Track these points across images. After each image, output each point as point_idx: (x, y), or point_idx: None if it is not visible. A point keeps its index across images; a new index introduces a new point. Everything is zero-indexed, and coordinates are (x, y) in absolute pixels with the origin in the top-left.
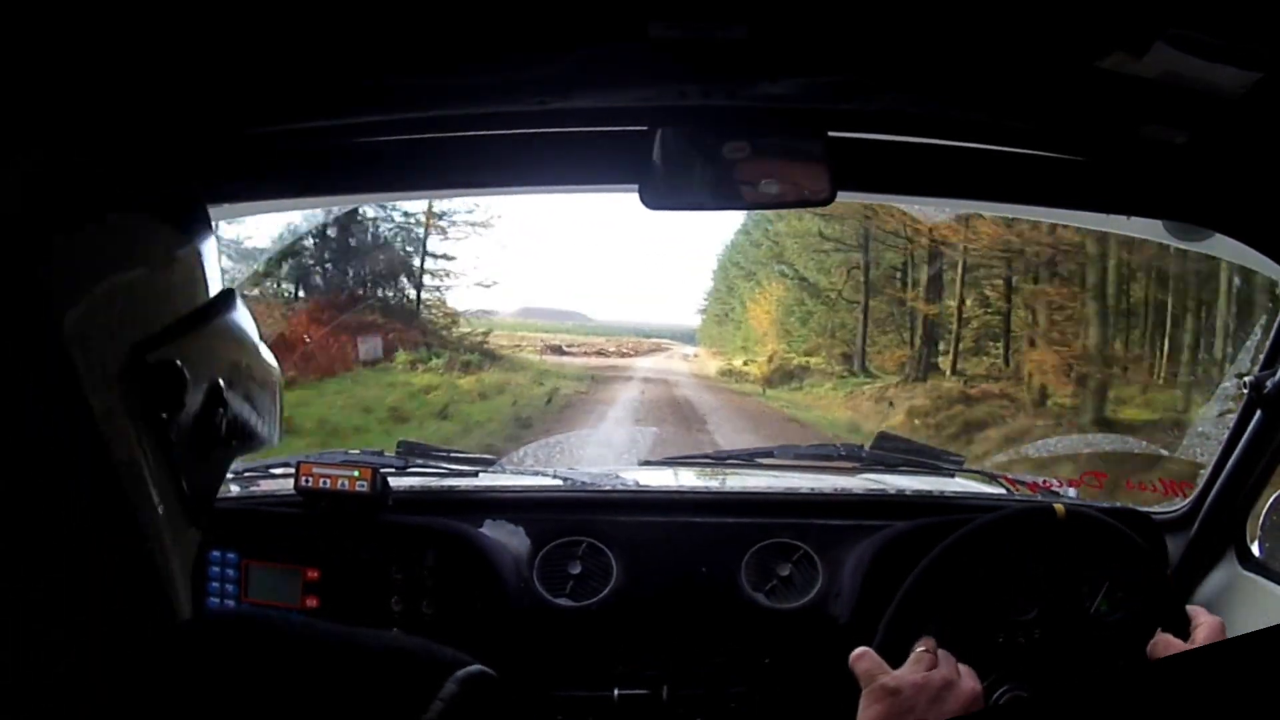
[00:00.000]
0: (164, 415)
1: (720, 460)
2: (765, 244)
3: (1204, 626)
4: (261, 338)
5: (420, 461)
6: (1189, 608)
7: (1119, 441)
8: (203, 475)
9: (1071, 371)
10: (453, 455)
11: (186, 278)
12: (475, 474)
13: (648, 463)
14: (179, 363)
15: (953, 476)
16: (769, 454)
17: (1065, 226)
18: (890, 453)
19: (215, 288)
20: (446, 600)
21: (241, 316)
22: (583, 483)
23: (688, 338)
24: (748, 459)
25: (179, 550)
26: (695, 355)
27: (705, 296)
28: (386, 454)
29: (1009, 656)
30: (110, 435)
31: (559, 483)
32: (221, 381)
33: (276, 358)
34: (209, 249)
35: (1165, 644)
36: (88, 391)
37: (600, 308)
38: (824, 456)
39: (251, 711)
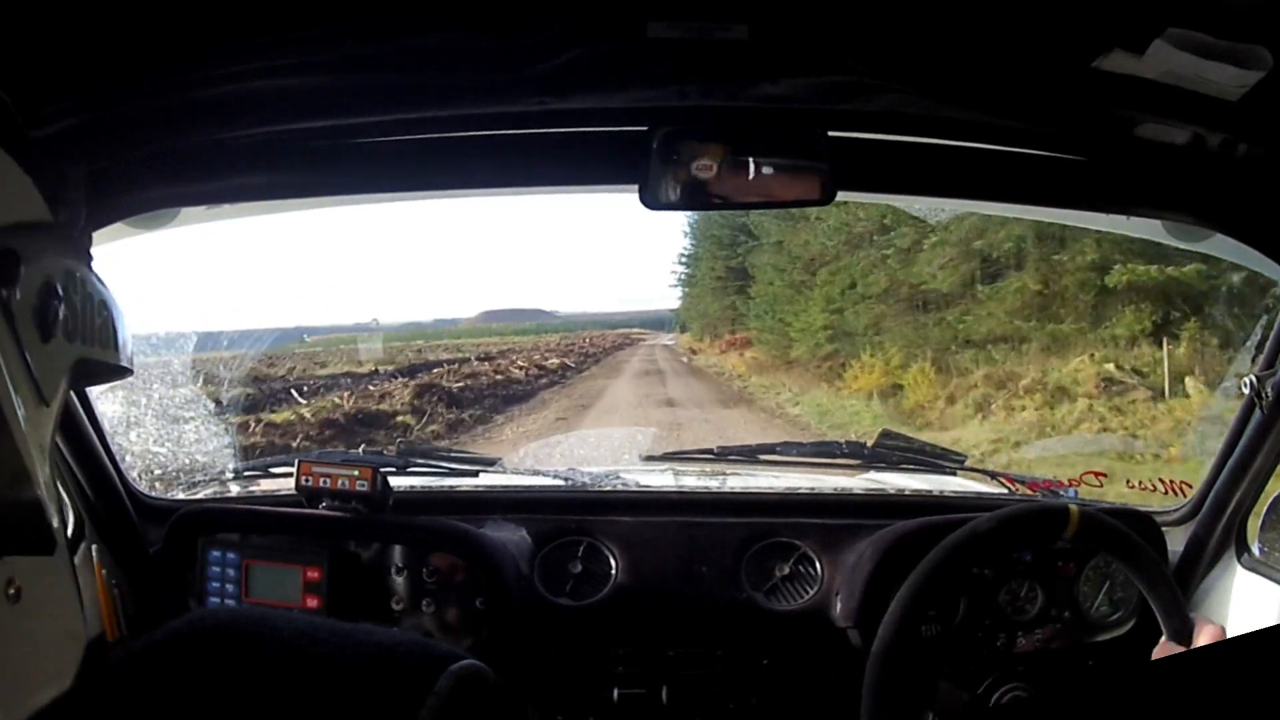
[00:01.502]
0: (3, 290)
1: (722, 456)
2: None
3: (1207, 636)
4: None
5: (420, 461)
6: (1194, 615)
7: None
8: (46, 358)
9: None
10: (453, 455)
11: (20, 199)
12: (475, 474)
13: (650, 458)
14: (14, 249)
15: (954, 475)
16: (772, 449)
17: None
18: (892, 450)
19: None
20: (447, 600)
21: (76, 249)
22: (583, 483)
23: (661, 323)
24: (750, 455)
25: (34, 423)
26: (677, 342)
27: (682, 263)
28: (387, 453)
29: (1009, 656)
30: None
31: (559, 483)
32: (56, 282)
33: None
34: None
35: (1168, 651)
36: None
37: (563, 301)
38: (827, 454)
39: (251, 706)
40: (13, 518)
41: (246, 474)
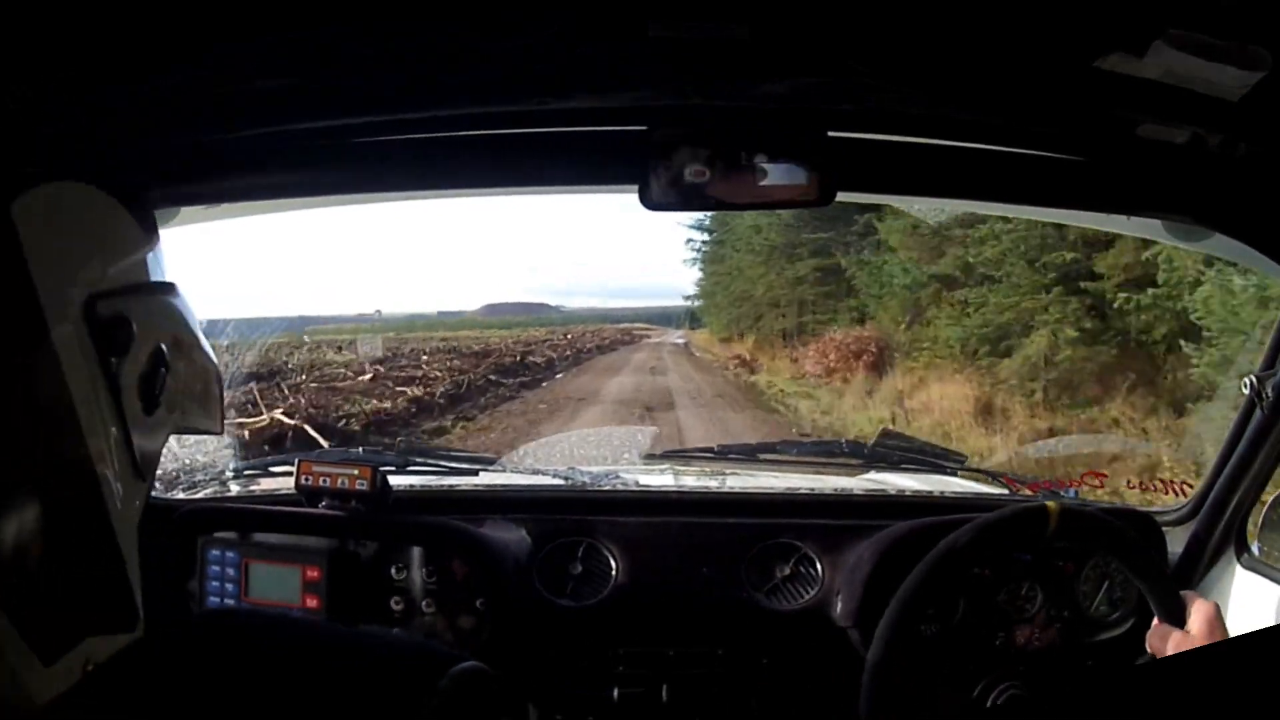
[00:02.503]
0: (113, 360)
1: (723, 454)
2: None
3: (1199, 613)
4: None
5: (420, 460)
6: (1184, 593)
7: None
8: (147, 431)
9: None
10: (453, 454)
11: (136, 258)
12: (475, 473)
13: (651, 456)
14: (126, 315)
15: (955, 475)
16: (772, 448)
17: None
18: (893, 450)
19: (160, 276)
20: (447, 600)
21: (184, 308)
22: (583, 483)
23: (669, 319)
24: (750, 454)
25: (128, 498)
26: (688, 342)
27: (701, 253)
28: (387, 452)
29: (1008, 656)
30: (70, 373)
31: (560, 482)
32: (164, 347)
33: None
34: (154, 244)
35: (1162, 632)
36: (52, 332)
37: (569, 296)
38: (827, 453)
39: (253, 709)
40: (102, 599)
41: (246, 473)
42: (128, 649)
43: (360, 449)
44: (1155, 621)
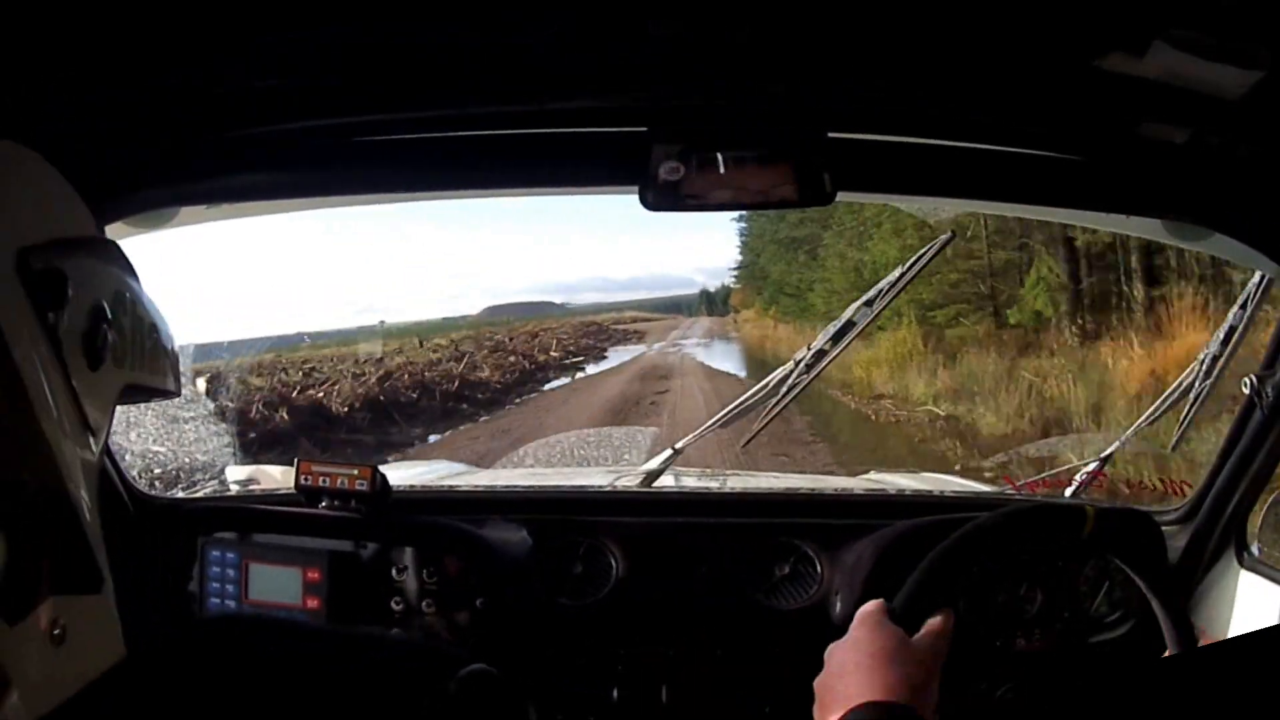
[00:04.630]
0: (50, 314)
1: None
2: None
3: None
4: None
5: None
6: (1199, 628)
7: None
8: (94, 387)
9: None
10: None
11: (66, 211)
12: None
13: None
14: (62, 270)
15: (952, 474)
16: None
17: None
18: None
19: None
20: (447, 600)
21: (123, 264)
22: (583, 483)
23: (683, 306)
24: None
25: (78, 454)
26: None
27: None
28: None
29: (1008, 656)
30: (6, 327)
31: (560, 482)
32: (105, 304)
33: None
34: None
35: None
36: None
37: (575, 292)
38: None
39: (258, 713)
40: (60, 557)
41: (246, 478)
42: (133, 654)
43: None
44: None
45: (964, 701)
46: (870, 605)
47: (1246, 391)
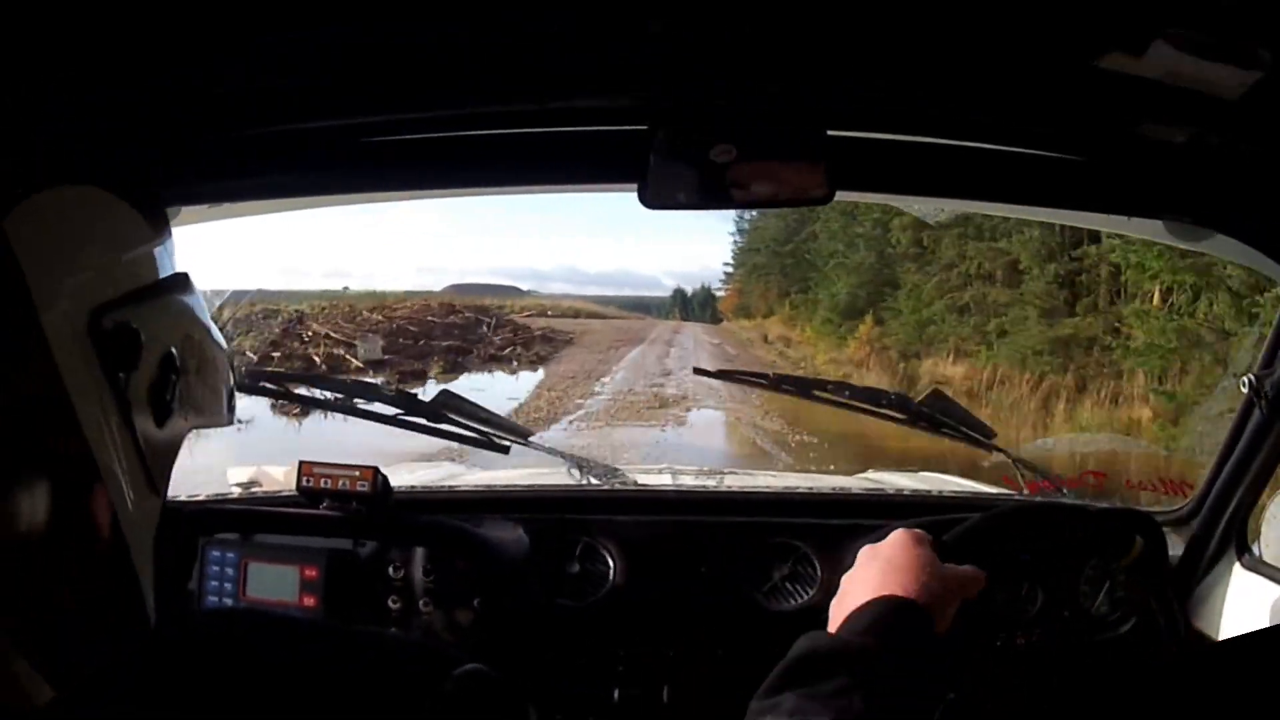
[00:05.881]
0: (121, 374)
1: (777, 384)
2: None
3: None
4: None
5: (454, 417)
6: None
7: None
8: (160, 441)
9: None
10: (491, 419)
11: (142, 258)
12: (506, 449)
13: (701, 370)
14: (134, 325)
15: (991, 452)
16: (824, 386)
17: None
18: (935, 411)
19: (168, 271)
20: (445, 599)
21: (194, 299)
22: (582, 482)
23: (652, 308)
24: (804, 389)
25: (141, 514)
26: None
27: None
28: (420, 400)
29: (1008, 656)
30: (75, 391)
31: (559, 481)
32: (174, 351)
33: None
34: (164, 238)
35: None
36: (54, 349)
37: (546, 280)
38: (874, 399)
39: (253, 711)
40: (116, 612)
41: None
42: (129, 649)
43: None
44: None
45: (964, 701)
46: (914, 529)
47: (1246, 391)
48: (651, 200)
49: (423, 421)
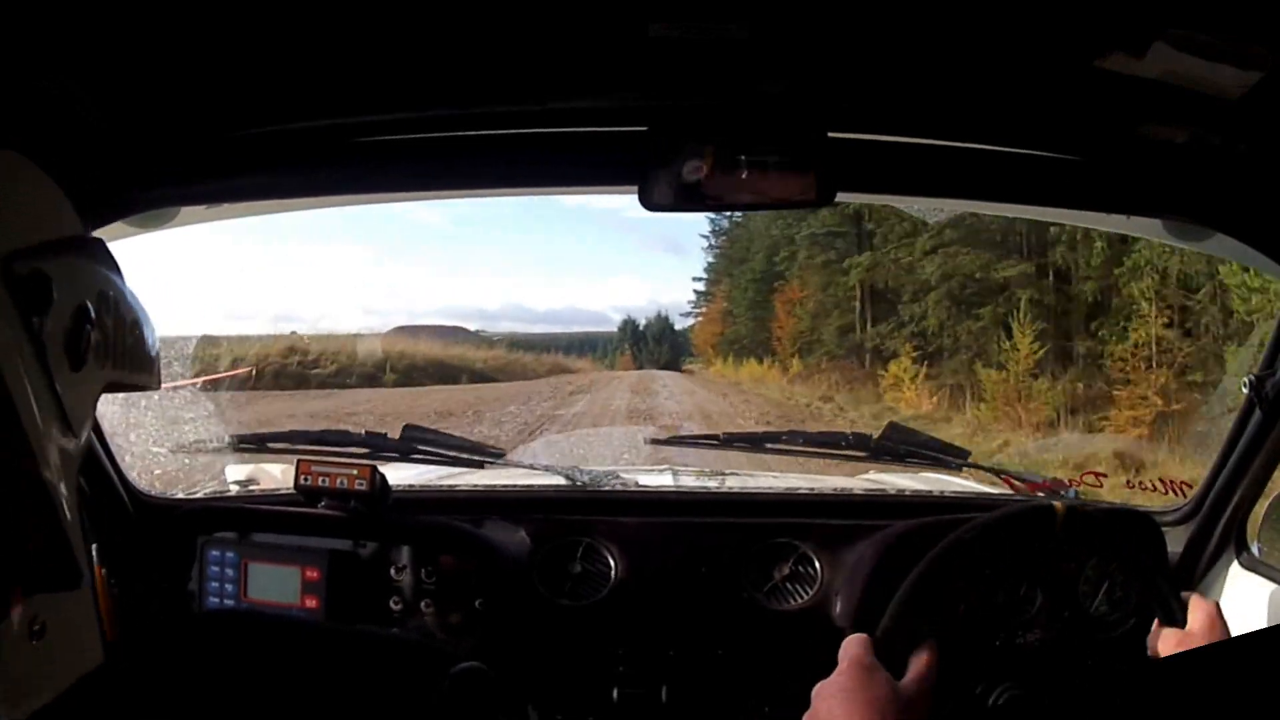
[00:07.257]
0: (35, 318)
1: (728, 443)
2: None
3: (1200, 612)
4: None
5: (425, 449)
6: (1184, 593)
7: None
8: (75, 386)
9: None
10: (458, 443)
11: (55, 216)
12: (480, 464)
13: (655, 441)
14: (45, 273)
15: (956, 473)
16: (777, 439)
17: None
18: (898, 444)
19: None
20: (446, 600)
21: (108, 265)
22: (582, 482)
23: (598, 345)
24: (756, 443)
25: (58, 452)
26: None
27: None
28: (390, 437)
29: (1008, 656)
30: None
31: (559, 482)
32: (89, 304)
33: None
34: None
35: (1163, 634)
36: None
37: (493, 320)
38: (832, 444)
39: (254, 709)
40: (39, 555)
41: (245, 477)
42: (131, 649)
43: (363, 431)
44: (1156, 623)
45: (965, 702)
46: (855, 643)
47: (1246, 391)
48: (651, 201)
49: (395, 456)
